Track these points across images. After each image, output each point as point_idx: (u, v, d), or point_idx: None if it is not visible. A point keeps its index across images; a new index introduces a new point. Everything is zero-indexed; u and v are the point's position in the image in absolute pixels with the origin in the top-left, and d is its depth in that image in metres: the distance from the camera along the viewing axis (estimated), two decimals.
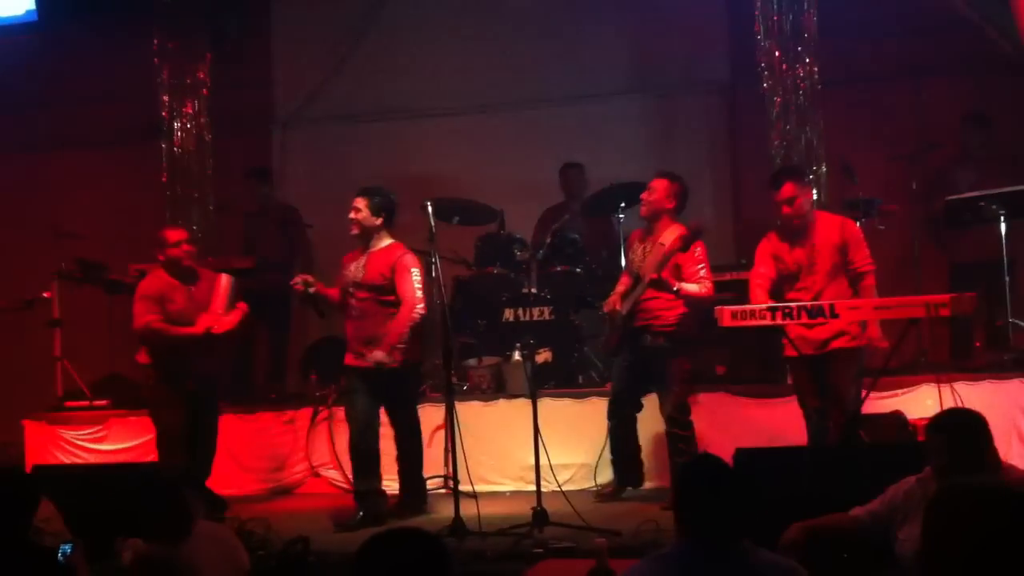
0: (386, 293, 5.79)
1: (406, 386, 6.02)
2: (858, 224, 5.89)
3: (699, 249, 5.77)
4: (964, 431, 3.60)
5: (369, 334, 5.79)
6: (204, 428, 6.15)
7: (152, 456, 6.92)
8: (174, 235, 6.26)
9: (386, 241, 5.89)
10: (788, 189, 5.48)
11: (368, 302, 5.80)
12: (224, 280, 6.19)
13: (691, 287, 5.70)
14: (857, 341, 5.38)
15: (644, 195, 5.99)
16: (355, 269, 5.86)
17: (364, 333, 5.81)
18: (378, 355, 5.68)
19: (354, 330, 5.89)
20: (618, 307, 5.90)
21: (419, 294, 5.78)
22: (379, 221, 5.86)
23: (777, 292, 5.59)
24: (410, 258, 5.84)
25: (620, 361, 6.06)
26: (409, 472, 5.98)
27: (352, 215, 5.88)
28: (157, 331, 6.07)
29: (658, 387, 5.91)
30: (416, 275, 5.80)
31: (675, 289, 5.65)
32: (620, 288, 5.98)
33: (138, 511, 3.98)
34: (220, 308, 6.12)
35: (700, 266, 5.76)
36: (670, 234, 5.70)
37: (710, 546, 2.90)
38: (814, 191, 5.66)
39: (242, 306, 6.21)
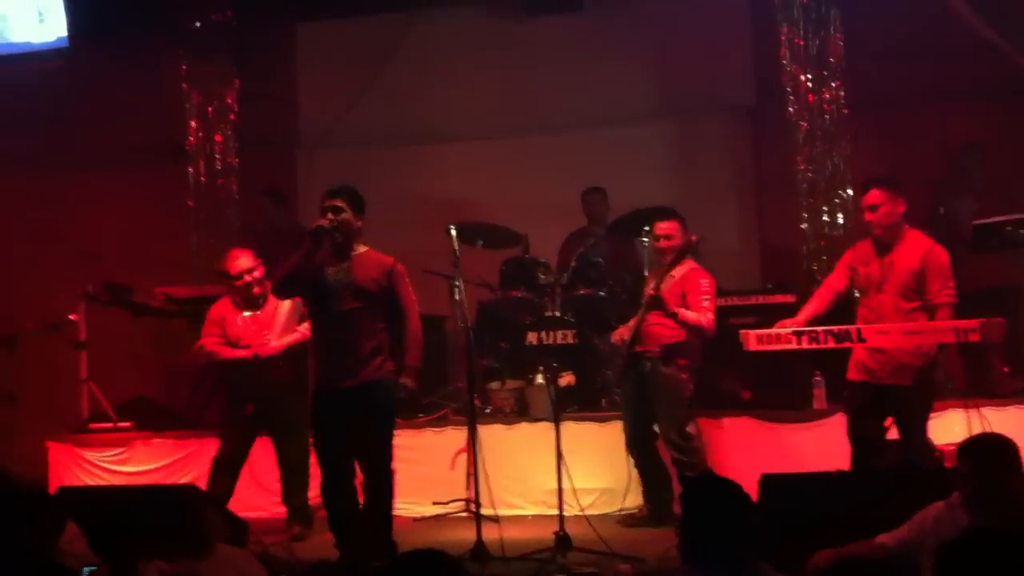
0: (379, 302, 5.12)
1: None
2: None
3: (706, 282, 5.81)
4: (994, 456, 3.56)
5: (359, 350, 5.05)
6: (286, 447, 6.12)
7: (175, 478, 6.99)
8: (234, 267, 6.13)
9: (363, 247, 5.25)
10: (873, 195, 5.27)
11: (358, 312, 5.06)
12: (285, 304, 6.08)
13: (691, 315, 5.73)
14: (919, 379, 5.15)
15: (664, 243, 5.96)
16: (335, 274, 5.11)
17: (353, 349, 5.05)
18: (408, 382, 5.10)
19: (336, 347, 5.10)
20: (625, 337, 5.92)
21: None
22: (361, 223, 5.24)
23: (846, 307, 5.47)
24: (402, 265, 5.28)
25: (625, 392, 6.09)
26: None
27: (331, 217, 5.08)
28: (208, 353, 6.18)
29: (659, 412, 5.88)
30: None
31: (673, 312, 5.67)
32: (631, 322, 5.99)
33: (159, 533, 3.98)
34: (276, 332, 6.09)
35: (705, 298, 5.77)
36: (684, 267, 5.84)
37: (714, 569, 2.86)
38: (903, 204, 5.32)
39: (300, 329, 6.10)
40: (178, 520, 4.00)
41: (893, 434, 5.41)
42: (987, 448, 3.62)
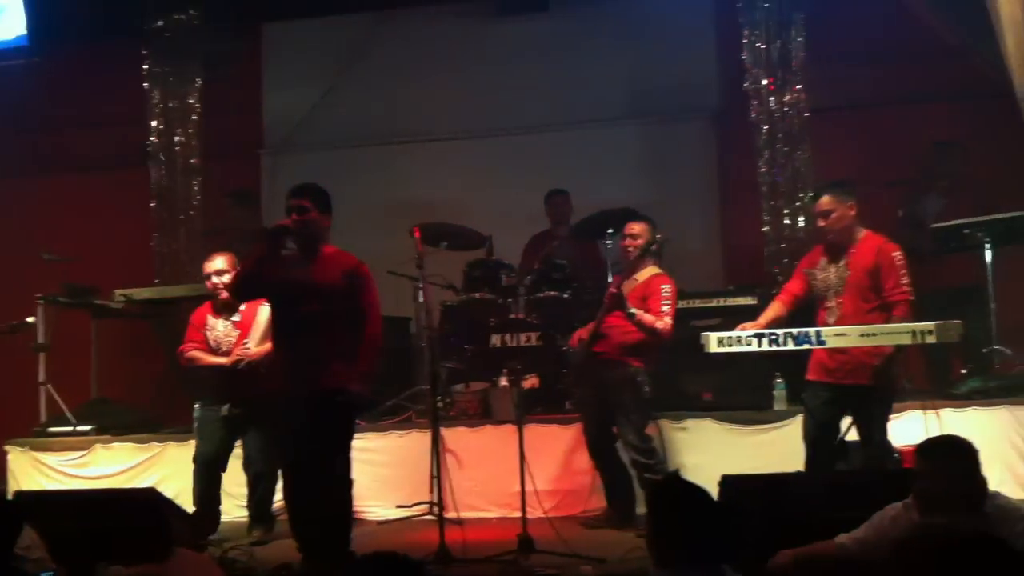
0: (341, 305, 4.95)
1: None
2: None
3: (668, 287, 5.84)
4: (951, 458, 3.58)
5: (320, 353, 4.91)
6: (250, 453, 6.07)
7: (136, 481, 6.93)
8: (204, 266, 6.16)
9: (330, 247, 5.12)
10: (824, 202, 5.35)
11: (319, 316, 4.91)
12: (264, 311, 5.99)
13: (648, 317, 5.76)
14: (881, 378, 5.18)
15: (629, 241, 6.00)
16: (296, 276, 4.97)
17: (313, 353, 4.91)
18: (357, 388, 4.91)
19: (296, 351, 4.98)
20: (584, 337, 5.97)
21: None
22: (328, 222, 5.11)
23: (806, 310, 5.51)
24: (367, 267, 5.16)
25: (583, 393, 6.10)
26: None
27: (295, 217, 4.96)
28: (190, 359, 6.13)
29: (618, 415, 5.90)
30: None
31: (631, 311, 5.72)
32: (590, 324, 6.01)
33: (119, 537, 3.95)
34: (256, 338, 6.04)
35: (665, 303, 5.80)
36: (647, 272, 5.90)
37: (685, 572, 2.88)
38: (854, 208, 5.38)
39: None
40: (137, 524, 3.97)
41: (853, 435, 5.45)
42: (945, 450, 3.64)
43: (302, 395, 4.86)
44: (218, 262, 6.09)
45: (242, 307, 6.06)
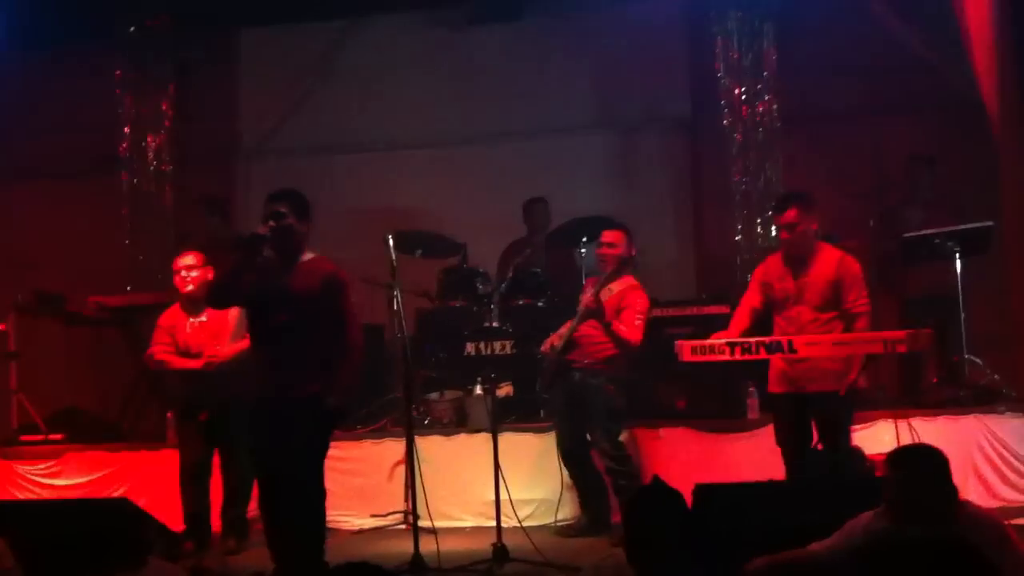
0: (317, 313, 4.82)
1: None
2: None
3: (642, 302, 5.88)
4: (922, 467, 3.60)
5: (297, 362, 4.80)
6: (230, 459, 6.01)
7: (108, 491, 6.87)
8: (176, 262, 6.11)
9: (310, 254, 5.00)
10: (791, 215, 5.37)
11: (294, 325, 4.80)
12: (233, 311, 5.95)
13: (623, 328, 5.83)
14: (843, 383, 5.25)
15: (606, 250, 6.02)
16: (272, 284, 4.87)
17: (288, 363, 4.81)
18: (333, 400, 4.80)
19: (271, 360, 4.87)
20: (556, 344, 5.98)
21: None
22: (306, 229, 4.98)
23: (767, 320, 5.55)
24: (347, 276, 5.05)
25: (553, 400, 6.16)
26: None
27: (272, 224, 4.85)
28: (159, 362, 6.08)
29: (591, 423, 5.92)
30: None
31: (607, 321, 5.79)
32: (562, 330, 6.03)
33: (91, 548, 3.91)
34: (225, 338, 5.98)
35: (639, 317, 5.84)
36: (624, 283, 5.94)
37: None
38: (816, 221, 5.47)
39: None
40: (110, 534, 3.93)
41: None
42: (915, 459, 3.67)
43: (277, 404, 4.78)
44: (188, 258, 6.07)
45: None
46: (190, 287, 5.98)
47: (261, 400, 4.87)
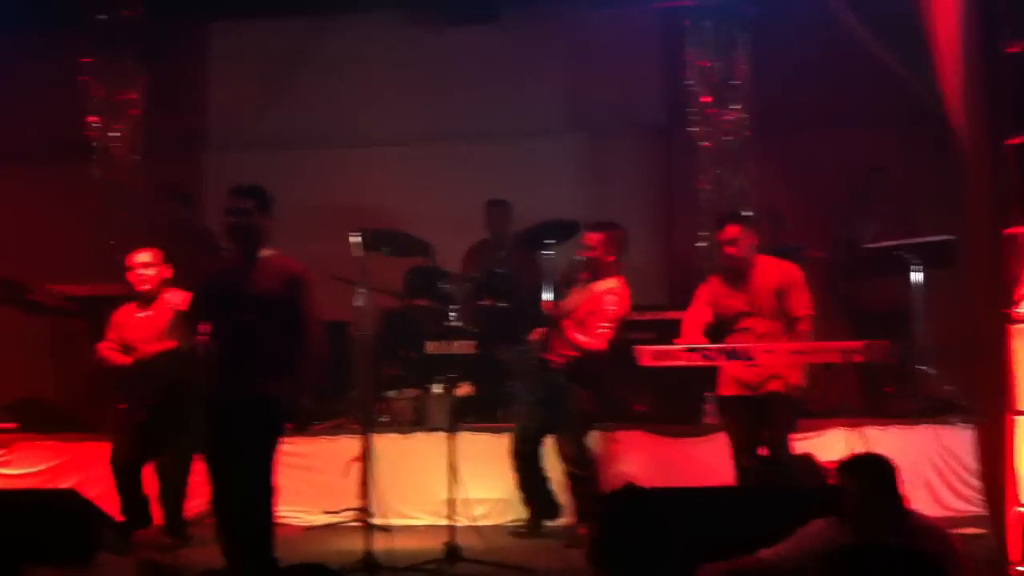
0: (278, 313, 4.78)
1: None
2: None
3: (613, 307, 5.84)
4: (873, 475, 3.65)
5: (254, 361, 4.76)
6: (161, 461, 5.94)
7: (58, 481, 6.79)
8: (128, 259, 6.07)
9: (270, 251, 4.95)
10: (731, 231, 5.59)
11: (253, 324, 4.77)
12: (164, 311, 5.94)
13: (582, 338, 5.81)
14: (793, 389, 5.43)
15: (583, 252, 6.04)
16: (232, 283, 4.85)
17: (245, 362, 4.77)
18: (291, 396, 4.76)
19: (228, 359, 4.83)
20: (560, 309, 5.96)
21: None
22: (269, 225, 4.93)
23: (715, 335, 5.62)
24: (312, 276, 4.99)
25: (527, 396, 6.12)
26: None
27: (235, 220, 4.83)
28: (102, 358, 6.06)
29: (558, 425, 5.92)
30: None
31: (562, 330, 5.81)
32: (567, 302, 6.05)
33: (40, 539, 3.88)
34: (161, 335, 5.92)
35: (606, 324, 5.81)
36: (603, 284, 5.93)
37: None
38: (756, 236, 5.70)
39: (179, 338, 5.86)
40: (61, 526, 3.90)
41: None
42: (865, 467, 3.71)
43: (235, 403, 4.73)
44: (143, 255, 6.00)
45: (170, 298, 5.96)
46: (146, 286, 5.93)
47: (219, 398, 4.81)
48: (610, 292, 5.90)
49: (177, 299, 5.80)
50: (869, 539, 3.52)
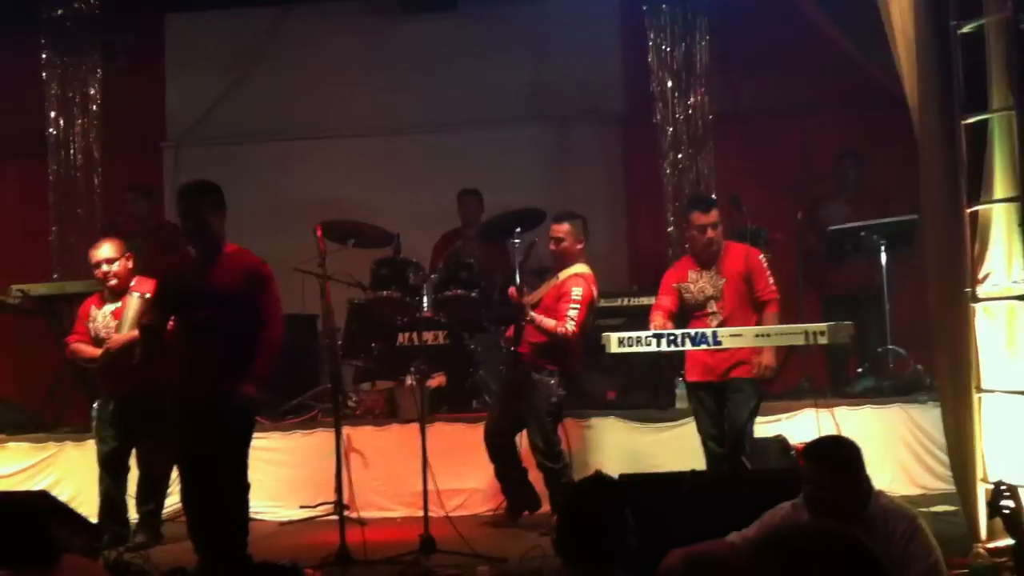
0: (239, 308, 4.83)
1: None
2: None
3: (579, 291, 5.80)
4: (836, 459, 3.65)
5: (217, 357, 4.79)
6: (141, 453, 5.89)
7: (32, 483, 6.73)
8: (92, 254, 5.96)
9: (231, 246, 4.97)
10: (717, 214, 5.65)
11: (214, 321, 4.80)
12: (133, 297, 5.84)
13: (548, 322, 5.77)
14: (756, 372, 5.47)
15: (552, 246, 6.02)
16: (192, 280, 4.86)
17: (208, 359, 4.80)
18: (249, 390, 4.75)
19: (191, 356, 4.86)
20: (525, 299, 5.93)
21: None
22: (222, 220, 4.92)
23: (682, 320, 5.66)
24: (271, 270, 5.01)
25: (503, 388, 6.13)
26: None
27: (191, 227, 4.84)
28: (72, 351, 5.99)
29: (527, 416, 5.93)
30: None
31: (530, 317, 5.78)
32: (535, 294, 6.05)
33: (4, 542, 3.83)
34: (124, 326, 5.83)
35: (573, 307, 5.77)
36: (569, 271, 5.91)
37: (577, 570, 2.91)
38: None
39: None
40: (19, 529, 3.85)
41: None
42: (827, 451, 3.72)
43: (199, 400, 4.73)
44: (105, 249, 5.89)
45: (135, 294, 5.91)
46: (115, 282, 5.86)
47: (183, 396, 4.82)
48: (576, 276, 5.88)
49: (143, 288, 5.76)
50: (828, 523, 3.54)
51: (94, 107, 8.38)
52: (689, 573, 3.69)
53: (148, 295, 5.68)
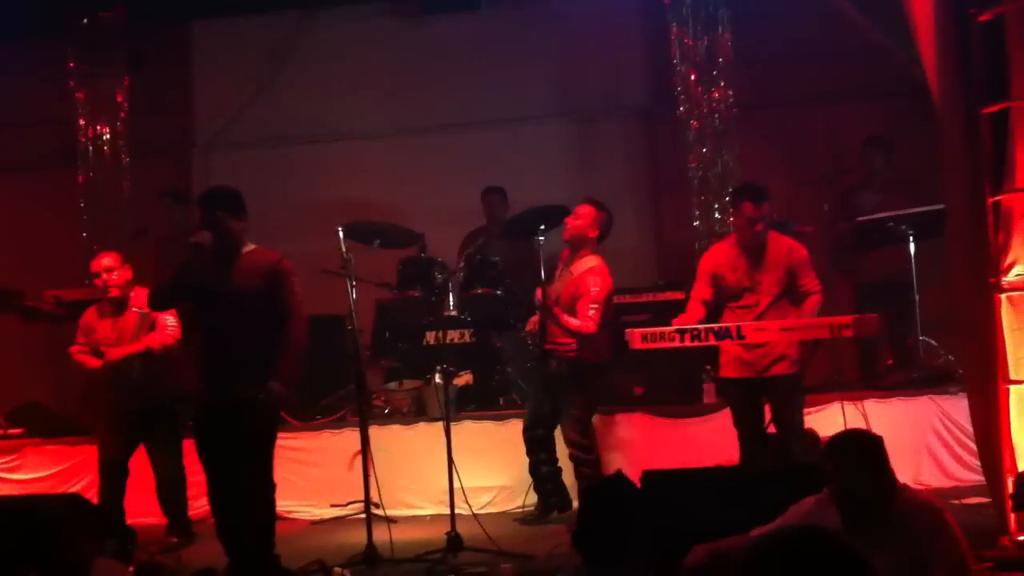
0: (261, 307, 4.83)
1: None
2: None
3: (597, 289, 5.77)
4: (857, 453, 3.62)
5: (240, 357, 4.80)
6: (155, 456, 5.99)
7: (67, 485, 6.84)
8: (94, 264, 6.09)
9: (250, 246, 4.99)
10: (768, 207, 5.53)
11: (237, 321, 4.81)
12: (133, 312, 5.99)
13: (573, 322, 5.75)
14: (797, 367, 5.39)
15: (569, 219, 5.99)
16: (213, 282, 4.85)
17: (231, 360, 4.82)
18: (277, 388, 4.76)
19: (214, 357, 4.91)
20: (535, 329, 5.96)
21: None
22: (243, 223, 4.96)
23: (717, 309, 5.60)
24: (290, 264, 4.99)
25: (534, 383, 6.11)
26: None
27: (211, 232, 4.84)
28: (76, 361, 6.12)
29: (561, 410, 5.92)
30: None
31: (557, 320, 5.76)
32: (536, 317, 6.01)
33: (37, 544, 3.89)
34: (125, 339, 5.98)
35: (593, 305, 5.74)
36: (582, 265, 5.86)
37: (598, 573, 2.92)
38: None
39: (147, 339, 5.95)
40: (49, 535, 3.91)
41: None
42: (850, 446, 3.68)
43: (223, 402, 4.78)
44: (105, 260, 6.02)
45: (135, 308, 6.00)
46: (115, 292, 5.97)
47: (207, 398, 4.87)
48: (591, 273, 5.84)
49: (142, 303, 5.84)
50: (854, 519, 3.52)
51: (123, 115, 8.49)
52: (712, 569, 3.69)
53: (147, 311, 5.82)
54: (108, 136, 8.42)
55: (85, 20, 8.33)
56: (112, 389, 6.00)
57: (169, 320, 5.92)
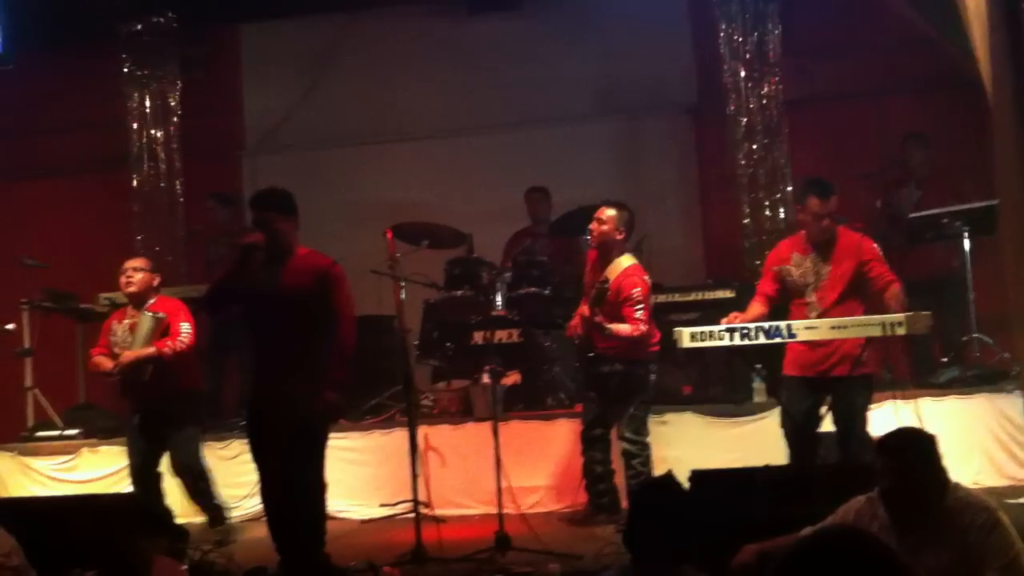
0: (311, 309, 4.87)
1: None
2: None
3: (638, 290, 5.71)
4: (910, 451, 3.57)
5: (291, 360, 4.86)
6: (173, 457, 6.03)
7: (122, 485, 6.93)
8: (125, 264, 6.14)
9: (302, 249, 5.03)
10: (837, 201, 5.39)
11: (287, 322, 4.85)
12: (143, 318, 5.98)
13: (623, 328, 5.68)
14: (864, 368, 5.24)
15: (594, 225, 5.93)
16: (265, 284, 4.90)
17: (281, 361, 4.88)
18: (329, 396, 4.81)
19: (265, 359, 4.97)
20: (579, 331, 5.92)
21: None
22: (294, 225, 5.00)
23: (784, 305, 5.49)
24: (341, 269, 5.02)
25: (587, 383, 6.10)
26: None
27: (263, 233, 4.88)
28: (94, 364, 6.17)
29: (614, 410, 5.89)
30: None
31: (607, 331, 5.67)
32: (582, 309, 5.98)
33: (96, 544, 3.96)
34: (137, 342, 5.95)
35: (638, 308, 5.69)
36: (616, 268, 5.80)
37: (647, 570, 2.91)
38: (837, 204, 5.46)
39: (160, 343, 5.90)
40: (115, 532, 3.97)
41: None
42: (902, 444, 3.63)
43: (274, 403, 4.82)
44: (135, 261, 6.14)
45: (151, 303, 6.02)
46: (132, 288, 6.01)
47: (258, 398, 4.93)
48: (627, 276, 5.77)
49: (159, 308, 5.94)
50: (905, 517, 3.48)
51: (174, 118, 8.61)
52: (762, 568, 3.66)
53: (161, 315, 5.87)
54: (160, 140, 8.53)
55: (137, 26, 8.43)
56: (125, 392, 6.06)
57: (185, 327, 5.91)
